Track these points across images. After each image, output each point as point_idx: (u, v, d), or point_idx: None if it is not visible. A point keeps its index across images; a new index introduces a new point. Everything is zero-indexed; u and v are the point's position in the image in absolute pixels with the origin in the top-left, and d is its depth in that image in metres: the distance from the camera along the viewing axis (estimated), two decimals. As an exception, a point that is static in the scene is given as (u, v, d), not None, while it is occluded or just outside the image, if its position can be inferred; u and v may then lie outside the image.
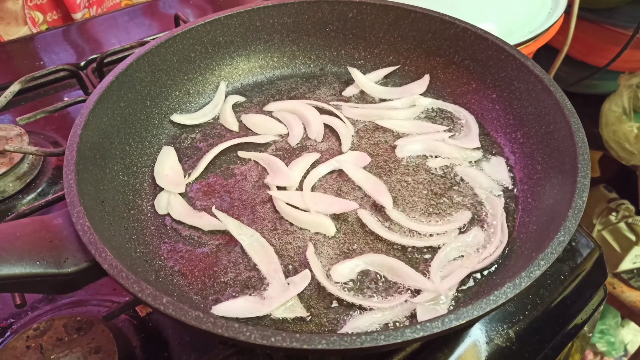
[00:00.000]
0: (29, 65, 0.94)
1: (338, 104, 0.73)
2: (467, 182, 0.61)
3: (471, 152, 0.64)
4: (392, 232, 0.56)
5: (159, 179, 0.61)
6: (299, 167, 0.63)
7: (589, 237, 0.65)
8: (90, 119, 0.55)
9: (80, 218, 0.44)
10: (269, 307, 0.49)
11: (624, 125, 1.12)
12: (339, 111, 0.71)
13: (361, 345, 0.36)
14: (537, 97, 0.60)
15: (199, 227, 0.57)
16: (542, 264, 0.41)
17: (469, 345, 0.54)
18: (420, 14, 0.72)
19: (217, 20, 0.71)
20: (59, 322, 0.53)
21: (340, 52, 0.78)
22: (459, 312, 0.38)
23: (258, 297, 0.50)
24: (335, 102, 0.73)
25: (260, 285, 0.51)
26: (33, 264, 0.42)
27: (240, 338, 0.37)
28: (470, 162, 0.63)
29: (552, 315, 0.58)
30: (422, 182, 0.61)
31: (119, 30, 1.04)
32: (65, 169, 0.49)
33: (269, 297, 0.50)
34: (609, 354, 1.48)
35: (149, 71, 0.66)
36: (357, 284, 0.51)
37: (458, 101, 0.71)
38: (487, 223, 0.56)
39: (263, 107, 0.73)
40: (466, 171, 0.62)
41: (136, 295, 0.40)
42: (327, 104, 0.72)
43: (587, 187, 0.47)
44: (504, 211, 0.57)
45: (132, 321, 0.57)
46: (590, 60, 1.27)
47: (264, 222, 0.58)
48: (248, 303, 0.50)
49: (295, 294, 0.50)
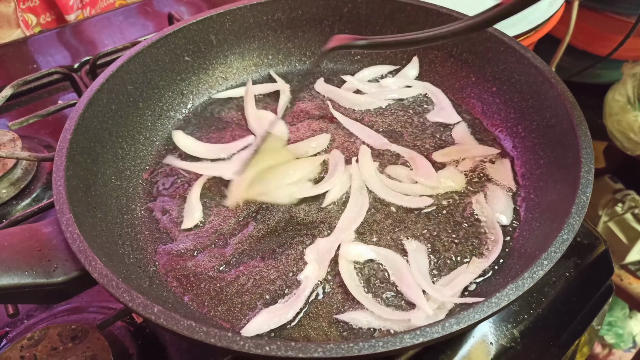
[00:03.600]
0: (22, 69, 0.93)
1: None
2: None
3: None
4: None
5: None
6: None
7: (594, 231, 0.63)
8: (80, 122, 0.54)
9: (69, 226, 0.43)
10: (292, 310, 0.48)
11: (629, 115, 1.10)
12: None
13: (359, 353, 0.35)
14: (538, 90, 0.59)
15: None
16: (545, 263, 0.40)
17: (472, 346, 0.52)
18: (416, 7, 0.70)
19: (209, 19, 0.69)
20: (53, 330, 0.52)
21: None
22: (460, 317, 0.37)
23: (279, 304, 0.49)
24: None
25: (273, 288, 0.50)
26: (21, 274, 0.41)
27: (234, 348, 0.36)
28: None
29: (557, 313, 0.56)
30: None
31: (113, 31, 1.03)
32: (54, 175, 0.48)
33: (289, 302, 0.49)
34: (618, 346, 1.47)
35: (140, 72, 0.64)
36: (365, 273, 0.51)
37: (457, 95, 0.70)
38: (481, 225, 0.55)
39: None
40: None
41: (127, 305, 0.39)
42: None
43: (591, 182, 0.46)
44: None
45: (129, 328, 0.56)
46: (593, 49, 1.25)
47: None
48: (269, 314, 0.48)
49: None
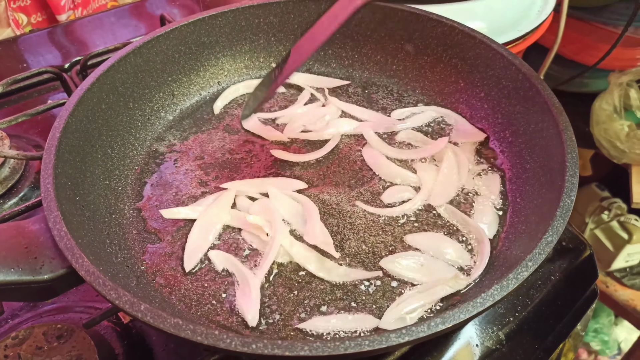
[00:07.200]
0: (12, 68, 0.92)
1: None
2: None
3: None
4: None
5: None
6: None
7: (579, 236, 0.64)
8: (69, 121, 0.54)
9: (57, 223, 0.43)
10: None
11: (615, 123, 1.11)
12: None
13: (345, 351, 0.35)
14: (525, 96, 0.60)
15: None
16: (530, 265, 0.41)
17: (458, 348, 0.53)
18: (407, 13, 0.71)
19: (201, 20, 0.70)
20: (38, 330, 0.51)
21: (327, 51, 0.77)
22: (445, 316, 0.37)
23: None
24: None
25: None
26: (7, 271, 0.41)
27: (221, 346, 0.36)
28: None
29: (542, 316, 0.57)
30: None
31: (105, 32, 1.03)
32: (42, 172, 0.48)
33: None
34: (603, 352, 1.48)
35: (131, 72, 0.64)
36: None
37: (446, 100, 0.71)
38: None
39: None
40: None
41: (113, 303, 0.39)
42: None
43: (576, 186, 0.46)
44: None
45: (115, 328, 0.55)
46: (581, 58, 1.26)
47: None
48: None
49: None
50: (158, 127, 0.68)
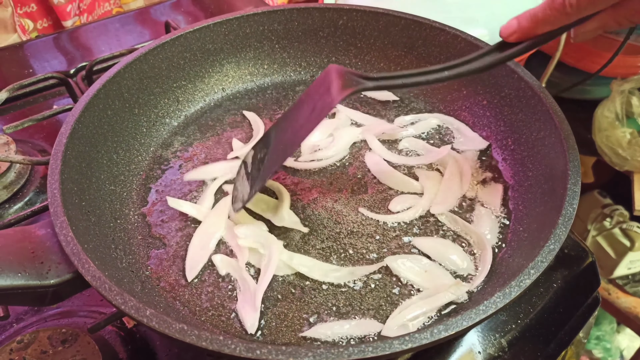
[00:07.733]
0: (18, 73, 0.93)
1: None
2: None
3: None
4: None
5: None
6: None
7: (581, 243, 0.64)
8: (76, 127, 0.54)
9: (63, 229, 0.44)
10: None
11: (617, 130, 1.12)
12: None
13: (348, 358, 0.36)
14: (527, 104, 0.60)
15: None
16: (532, 272, 0.41)
17: (461, 355, 0.53)
18: (410, 21, 0.71)
19: (206, 27, 0.70)
20: (43, 334, 0.51)
21: (331, 59, 0.78)
22: (448, 323, 0.37)
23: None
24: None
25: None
26: (14, 275, 0.41)
27: (225, 351, 0.36)
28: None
29: (545, 324, 0.57)
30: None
31: (110, 38, 1.04)
32: (49, 178, 0.48)
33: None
34: (605, 360, 1.48)
35: (137, 79, 0.65)
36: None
37: (449, 107, 0.71)
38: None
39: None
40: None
41: (119, 308, 0.39)
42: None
43: (578, 195, 0.47)
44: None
45: (119, 332, 0.56)
46: (583, 66, 1.27)
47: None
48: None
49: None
50: (163, 133, 0.69)
